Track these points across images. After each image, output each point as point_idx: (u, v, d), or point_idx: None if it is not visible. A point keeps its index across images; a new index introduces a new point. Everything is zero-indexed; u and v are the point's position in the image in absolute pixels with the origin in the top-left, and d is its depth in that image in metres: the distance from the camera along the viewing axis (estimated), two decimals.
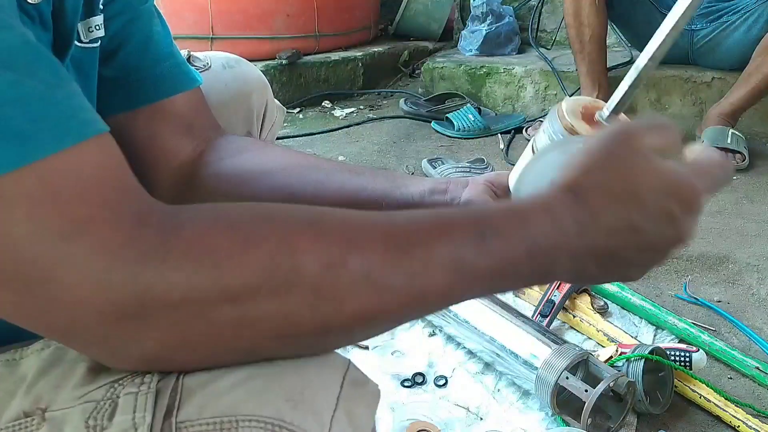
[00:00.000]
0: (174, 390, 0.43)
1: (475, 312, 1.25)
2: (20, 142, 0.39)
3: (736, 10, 2.45)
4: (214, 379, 0.43)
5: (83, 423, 0.43)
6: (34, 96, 0.40)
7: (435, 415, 1.14)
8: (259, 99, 0.94)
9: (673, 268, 1.62)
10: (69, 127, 0.41)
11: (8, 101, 0.39)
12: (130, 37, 0.70)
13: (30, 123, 0.39)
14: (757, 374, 1.24)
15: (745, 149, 2.27)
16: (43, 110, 0.40)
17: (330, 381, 0.46)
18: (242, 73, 0.93)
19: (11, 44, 0.41)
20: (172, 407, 0.42)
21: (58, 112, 0.41)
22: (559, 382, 1.08)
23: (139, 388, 0.43)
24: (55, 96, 0.41)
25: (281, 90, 2.91)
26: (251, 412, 0.42)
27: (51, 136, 0.40)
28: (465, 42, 3.09)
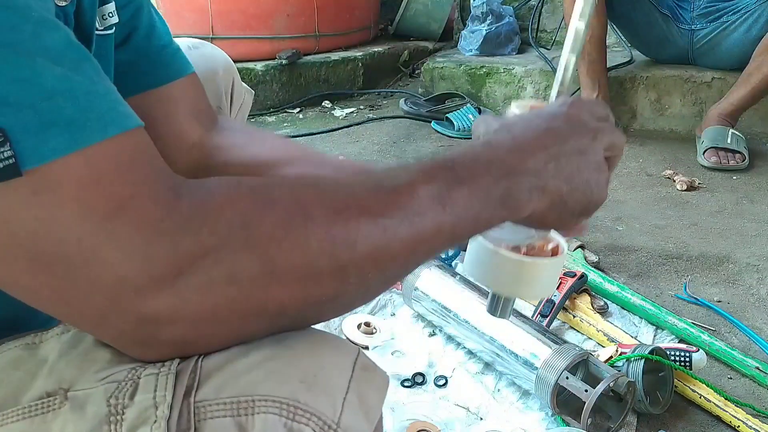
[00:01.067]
0: (193, 372, 0.45)
1: (475, 312, 1.25)
2: (71, 129, 0.41)
3: (736, 10, 2.45)
4: (231, 362, 0.45)
5: (105, 401, 0.45)
6: (81, 89, 0.43)
7: (435, 415, 1.14)
8: (226, 77, 0.99)
9: (673, 268, 1.63)
10: (112, 118, 0.44)
11: (60, 92, 0.42)
12: (139, 25, 0.73)
13: (79, 113, 0.42)
14: (757, 374, 1.24)
15: (745, 149, 2.27)
16: (89, 102, 0.43)
17: (342, 365, 0.48)
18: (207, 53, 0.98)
19: (60, 42, 0.43)
20: (191, 387, 0.44)
21: (103, 104, 0.44)
22: (559, 382, 1.08)
23: (160, 370, 0.45)
24: (98, 90, 0.44)
25: (281, 90, 2.91)
26: (267, 393, 0.44)
27: (98, 126, 0.43)
28: (465, 42, 3.09)
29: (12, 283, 0.44)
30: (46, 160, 0.40)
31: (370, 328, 1.34)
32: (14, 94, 0.40)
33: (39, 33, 0.42)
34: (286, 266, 0.44)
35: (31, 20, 0.42)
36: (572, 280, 1.38)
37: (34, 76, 0.41)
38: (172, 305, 0.43)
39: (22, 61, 0.41)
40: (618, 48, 2.89)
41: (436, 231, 0.49)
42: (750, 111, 2.39)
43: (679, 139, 2.55)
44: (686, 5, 2.53)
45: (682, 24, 2.55)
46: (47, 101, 0.41)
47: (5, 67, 0.40)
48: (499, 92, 2.86)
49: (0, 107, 0.40)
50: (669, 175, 2.17)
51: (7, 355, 0.51)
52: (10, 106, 0.40)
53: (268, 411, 0.43)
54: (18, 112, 0.40)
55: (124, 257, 0.42)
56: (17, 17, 0.41)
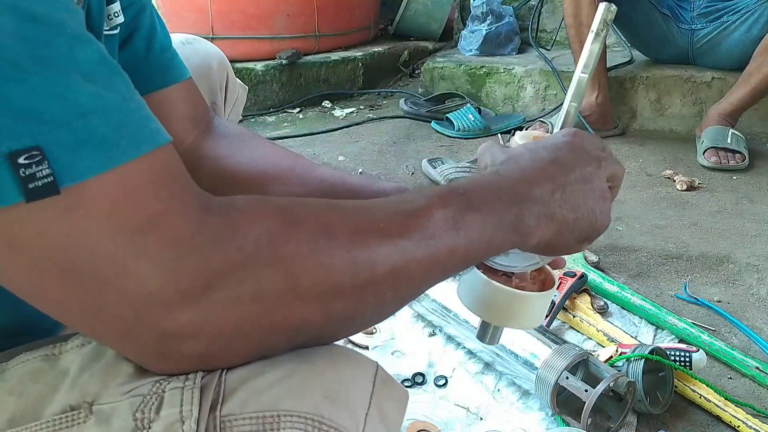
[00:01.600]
0: (217, 386, 0.45)
1: None
2: (105, 147, 0.42)
3: (736, 10, 2.45)
4: (254, 377, 0.46)
5: (131, 416, 0.45)
6: (114, 106, 0.43)
7: (435, 415, 1.14)
8: (220, 72, 0.99)
9: (673, 268, 1.63)
10: (144, 135, 0.44)
11: (93, 110, 0.42)
12: (140, 26, 0.73)
13: (113, 131, 0.42)
14: (757, 374, 1.24)
15: (745, 149, 2.27)
16: (122, 120, 0.43)
17: (363, 379, 0.49)
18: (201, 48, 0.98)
19: (92, 58, 0.44)
20: (216, 402, 0.45)
21: (135, 121, 0.44)
22: (559, 382, 1.08)
23: (185, 383, 0.45)
24: (130, 107, 0.44)
25: (281, 90, 2.91)
26: (292, 408, 0.44)
27: (131, 143, 0.43)
28: (465, 42, 3.09)
29: (40, 295, 0.44)
30: (82, 178, 0.41)
31: (370, 328, 1.34)
32: (50, 111, 0.40)
33: (73, 49, 0.42)
34: (309, 284, 0.45)
35: (65, 36, 0.42)
36: (572, 280, 1.38)
37: (68, 93, 0.41)
38: (197, 319, 0.43)
39: (57, 78, 0.41)
40: (618, 48, 2.89)
41: (451, 253, 0.51)
42: (750, 111, 2.39)
43: (679, 139, 2.55)
44: (686, 5, 2.53)
45: (682, 24, 2.55)
46: (82, 119, 0.41)
47: (41, 84, 0.40)
48: (499, 92, 2.85)
49: (36, 125, 0.40)
50: (669, 175, 2.17)
51: (25, 366, 0.51)
52: (46, 123, 0.40)
53: (294, 426, 0.44)
54: (54, 129, 0.40)
55: (154, 272, 0.42)
56: (52, 33, 0.41)
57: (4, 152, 0.39)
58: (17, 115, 0.39)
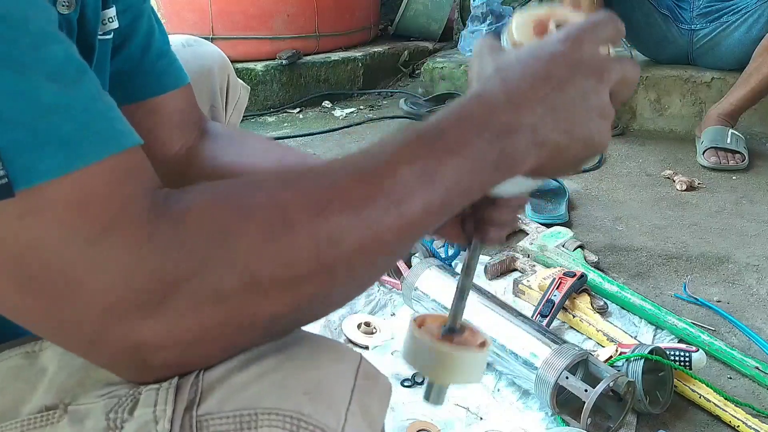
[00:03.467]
0: (194, 385, 0.44)
1: (475, 312, 1.25)
2: (67, 149, 0.40)
3: (736, 10, 2.45)
4: (232, 374, 0.45)
5: (104, 415, 0.44)
6: (78, 107, 0.42)
7: (435, 415, 1.14)
8: (221, 74, 0.98)
9: (673, 268, 1.63)
10: (109, 137, 0.43)
11: (56, 110, 0.41)
12: (136, 33, 0.72)
13: (75, 131, 0.41)
14: (756, 374, 1.24)
15: (744, 149, 2.27)
16: (86, 120, 0.42)
17: (344, 374, 0.47)
18: (202, 51, 0.97)
19: (59, 57, 0.42)
20: (192, 401, 0.43)
21: (100, 122, 0.43)
22: (559, 381, 1.08)
23: (161, 384, 0.44)
24: (97, 107, 0.43)
25: (281, 90, 2.91)
26: (270, 406, 0.43)
27: (93, 145, 0.41)
28: (465, 42, 3.09)
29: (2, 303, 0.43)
30: (39, 180, 0.39)
31: (370, 328, 1.34)
32: (8, 110, 0.39)
33: (37, 47, 0.41)
34: (270, 278, 0.43)
35: (29, 34, 0.41)
36: (572, 280, 1.38)
37: (30, 92, 0.40)
38: (159, 331, 0.42)
39: (18, 77, 0.40)
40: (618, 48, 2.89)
41: (425, 212, 0.47)
42: (750, 111, 2.39)
43: (678, 139, 2.55)
44: (686, 5, 2.53)
45: (682, 24, 2.55)
46: (43, 119, 0.40)
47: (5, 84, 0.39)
48: None
49: None
50: (669, 175, 2.17)
51: (7, 363, 0.51)
52: (4, 123, 0.39)
53: (272, 424, 0.43)
54: (12, 130, 0.39)
55: (108, 284, 0.41)
56: (14, 30, 0.40)
57: None
58: None
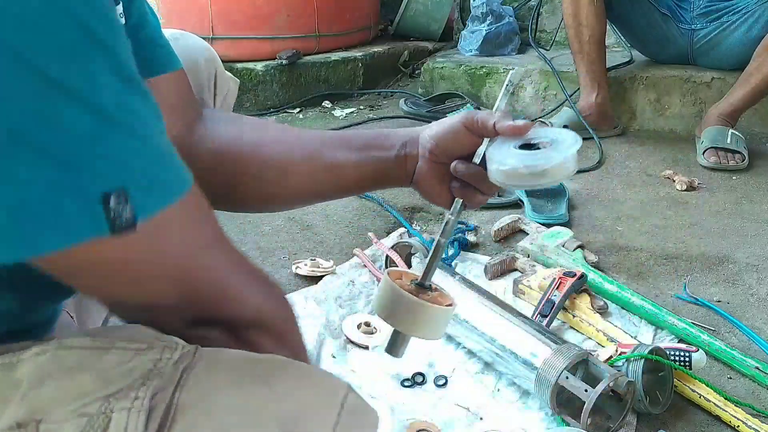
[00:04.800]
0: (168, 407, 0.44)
1: (475, 312, 1.25)
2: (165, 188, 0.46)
3: (736, 10, 2.45)
4: (206, 398, 0.44)
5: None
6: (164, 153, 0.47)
7: (435, 415, 1.14)
8: (208, 67, 0.99)
9: (673, 268, 1.63)
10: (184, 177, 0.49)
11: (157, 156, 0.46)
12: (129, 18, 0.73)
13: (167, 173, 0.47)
14: (756, 374, 1.24)
15: (744, 149, 2.27)
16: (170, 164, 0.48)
17: (327, 408, 0.46)
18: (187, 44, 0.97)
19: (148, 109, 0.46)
20: (163, 425, 0.43)
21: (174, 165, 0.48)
22: (559, 381, 1.08)
23: (132, 404, 0.44)
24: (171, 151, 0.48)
25: (281, 90, 2.91)
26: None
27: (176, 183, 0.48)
28: (465, 42, 3.09)
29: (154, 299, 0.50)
30: (150, 214, 0.45)
31: (370, 328, 1.34)
32: (131, 161, 0.43)
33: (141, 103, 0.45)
34: None
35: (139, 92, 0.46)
36: (572, 280, 1.38)
37: (146, 141, 0.45)
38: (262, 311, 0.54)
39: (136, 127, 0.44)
40: (618, 48, 2.89)
41: None
42: (750, 111, 2.39)
43: (678, 139, 2.55)
44: (686, 5, 2.53)
45: (682, 24, 2.55)
46: (153, 163, 0.45)
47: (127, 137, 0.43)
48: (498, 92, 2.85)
49: (123, 170, 0.43)
50: (669, 175, 2.17)
51: None
52: (131, 169, 0.43)
53: None
54: (136, 174, 0.44)
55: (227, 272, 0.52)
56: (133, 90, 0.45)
57: (98, 193, 0.42)
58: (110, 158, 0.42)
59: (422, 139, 0.80)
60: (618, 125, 2.60)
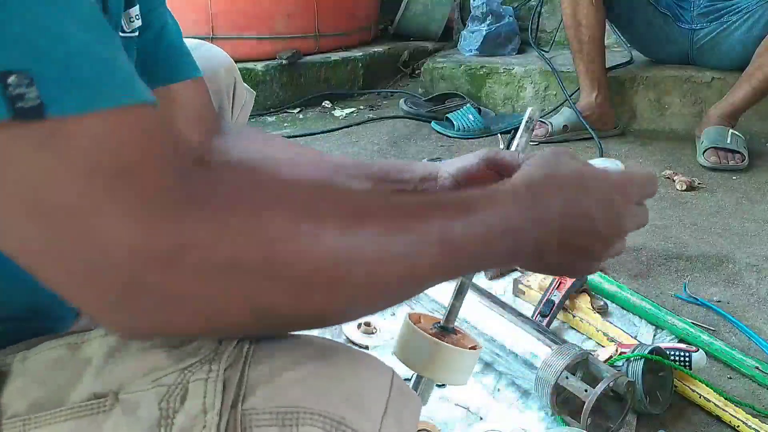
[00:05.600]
0: (240, 380, 0.46)
1: (474, 312, 1.25)
2: (90, 90, 0.41)
3: (736, 11, 2.45)
4: (277, 374, 0.46)
5: (157, 405, 0.45)
6: (103, 57, 0.43)
7: (435, 415, 1.14)
8: (228, 77, 0.98)
9: (673, 268, 1.63)
10: (131, 88, 0.43)
11: (84, 54, 0.42)
12: (150, 24, 0.73)
13: (98, 77, 0.42)
14: (757, 374, 1.24)
15: (744, 149, 2.27)
16: (108, 70, 0.43)
17: (381, 385, 0.50)
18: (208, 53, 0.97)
19: (88, 8, 0.44)
20: (238, 396, 0.45)
21: (121, 74, 0.43)
22: (559, 381, 1.08)
23: (208, 375, 0.46)
24: (119, 63, 0.44)
25: (281, 90, 2.91)
26: (312, 407, 0.45)
27: (115, 92, 0.42)
28: (465, 42, 3.10)
29: (5, 231, 0.42)
30: (66, 113, 0.40)
31: (370, 328, 1.34)
32: (44, 44, 0.40)
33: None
34: (286, 265, 0.43)
35: None
36: (572, 280, 1.38)
37: (64, 34, 0.41)
38: (162, 275, 0.41)
39: (57, 17, 0.41)
40: (618, 48, 2.89)
41: (431, 269, 0.51)
42: (750, 111, 2.39)
43: (678, 139, 2.55)
44: (686, 5, 2.53)
45: (682, 23, 2.55)
46: (72, 58, 0.41)
47: (42, 18, 0.40)
48: (498, 92, 2.86)
49: (31, 53, 0.40)
50: (669, 175, 2.17)
51: (48, 354, 0.52)
52: (40, 54, 0.40)
53: (314, 424, 0.44)
54: (45, 61, 0.40)
55: (125, 217, 0.41)
56: None
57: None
58: (14, 38, 0.39)
59: (441, 176, 0.79)
60: (618, 125, 2.60)
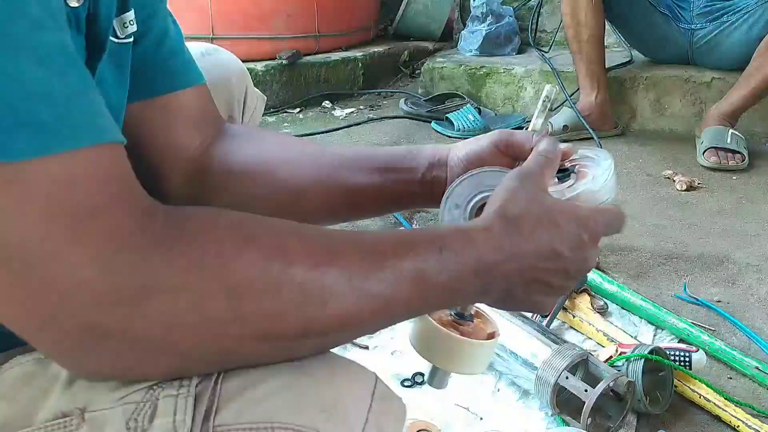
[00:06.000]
0: (212, 395, 0.45)
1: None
2: (44, 134, 0.40)
3: (736, 10, 2.45)
4: (250, 387, 0.45)
5: (124, 424, 0.44)
6: (60, 97, 0.42)
7: (435, 415, 1.14)
8: (239, 84, 0.96)
9: (673, 268, 1.63)
10: (88, 129, 0.43)
11: (37, 95, 0.41)
12: (149, 31, 0.71)
13: (54, 119, 0.41)
14: (757, 374, 1.24)
15: (744, 149, 2.27)
16: (67, 110, 0.42)
17: (361, 394, 0.48)
18: (221, 60, 0.95)
19: (51, 44, 0.43)
20: (210, 411, 0.44)
21: (80, 114, 0.43)
22: (559, 382, 1.08)
23: (179, 391, 0.45)
24: (80, 100, 0.43)
25: (281, 90, 2.91)
26: (287, 420, 0.44)
27: (71, 134, 0.42)
28: (465, 42, 3.10)
29: None
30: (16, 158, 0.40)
31: None
32: None
33: (32, 30, 0.41)
34: (252, 310, 0.43)
35: (27, 16, 0.41)
36: None
37: (17, 74, 0.40)
38: (126, 320, 0.41)
39: (8, 56, 0.40)
40: (618, 48, 2.89)
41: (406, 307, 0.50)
42: (750, 111, 2.39)
43: (678, 139, 2.55)
44: (686, 5, 2.53)
45: (682, 23, 2.55)
46: (24, 101, 0.40)
47: None
48: (499, 92, 2.86)
49: None
50: (669, 175, 2.17)
51: (18, 369, 0.50)
52: None
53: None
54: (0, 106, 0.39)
55: (88, 261, 0.40)
56: (13, 10, 0.41)
57: None
58: None
59: (451, 161, 0.73)
60: (618, 125, 2.60)
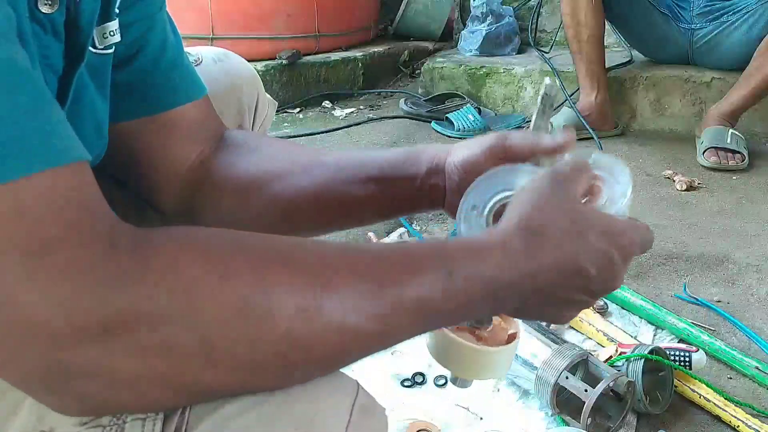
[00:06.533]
0: (182, 415, 0.42)
1: None
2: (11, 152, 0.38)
3: (736, 10, 2.45)
4: (221, 405, 0.43)
5: None
6: (7, 118, 0.38)
7: (435, 415, 1.14)
8: (250, 92, 0.93)
9: (673, 268, 1.63)
10: (41, 152, 0.39)
11: None
12: (147, 45, 0.68)
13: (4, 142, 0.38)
14: (756, 374, 1.24)
15: (744, 149, 2.27)
16: (13, 134, 0.38)
17: (339, 408, 0.45)
18: (233, 67, 0.92)
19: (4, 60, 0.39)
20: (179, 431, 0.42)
21: (32, 137, 0.39)
22: (559, 381, 1.08)
23: (147, 414, 0.43)
24: (29, 123, 0.39)
25: (281, 90, 2.91)
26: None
27: (19, 160, 0.38)
28: (465, 42, 3.10)
29: None
30: None
31: None
32: None
33: None
34: (227, 354, 0.40)
35: None
36: None
37: None
38: (90, 361, 0.39)
39: None
40: (618, 48, 2.89)
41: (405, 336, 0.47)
42: (750, 111, 2.40)
43: (678, 139, 2.55)
44: (686, 5, 2.53)
45: (682, 23, 2.55)
46: None
47: None
48: (499, 92, 2.86)
49: None
50: (669, 175, 2.17)
51: None
52: None
53: None
54: None
55: (43, 301, 0.37)
56: None
57: None
58: None
59: (448, 167, 0.69)
60: (618, 125, 2.60)
